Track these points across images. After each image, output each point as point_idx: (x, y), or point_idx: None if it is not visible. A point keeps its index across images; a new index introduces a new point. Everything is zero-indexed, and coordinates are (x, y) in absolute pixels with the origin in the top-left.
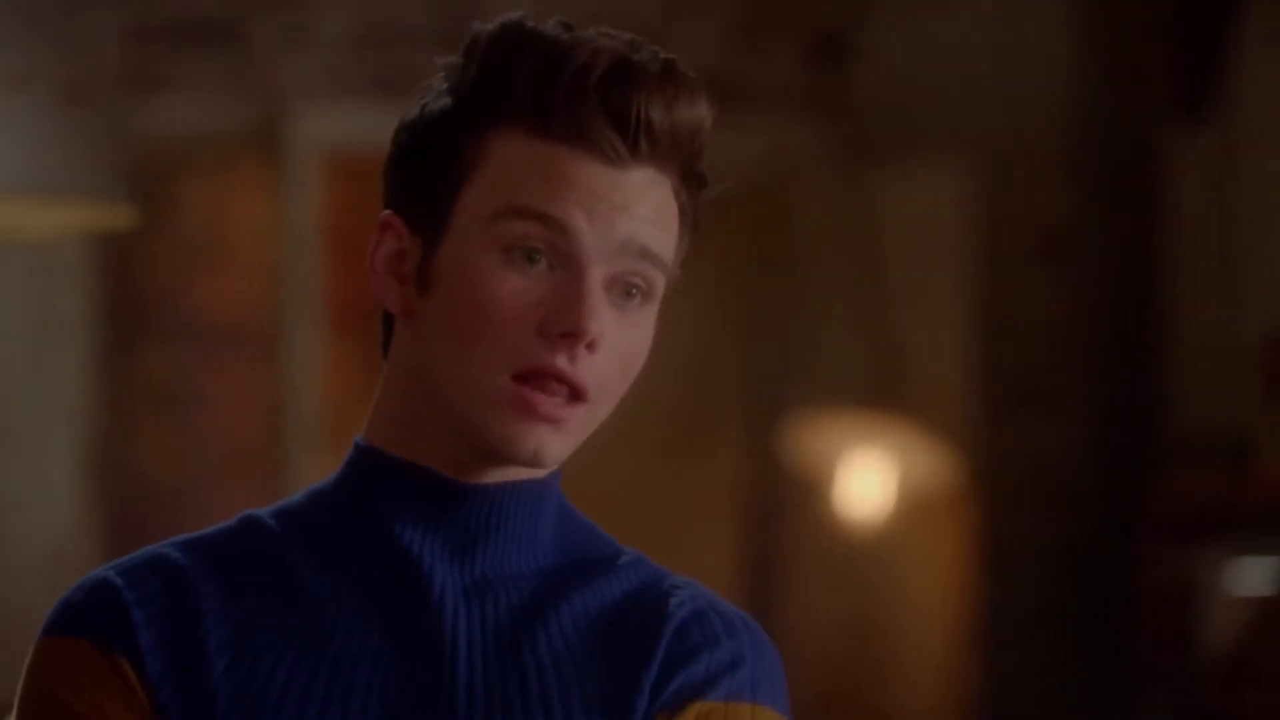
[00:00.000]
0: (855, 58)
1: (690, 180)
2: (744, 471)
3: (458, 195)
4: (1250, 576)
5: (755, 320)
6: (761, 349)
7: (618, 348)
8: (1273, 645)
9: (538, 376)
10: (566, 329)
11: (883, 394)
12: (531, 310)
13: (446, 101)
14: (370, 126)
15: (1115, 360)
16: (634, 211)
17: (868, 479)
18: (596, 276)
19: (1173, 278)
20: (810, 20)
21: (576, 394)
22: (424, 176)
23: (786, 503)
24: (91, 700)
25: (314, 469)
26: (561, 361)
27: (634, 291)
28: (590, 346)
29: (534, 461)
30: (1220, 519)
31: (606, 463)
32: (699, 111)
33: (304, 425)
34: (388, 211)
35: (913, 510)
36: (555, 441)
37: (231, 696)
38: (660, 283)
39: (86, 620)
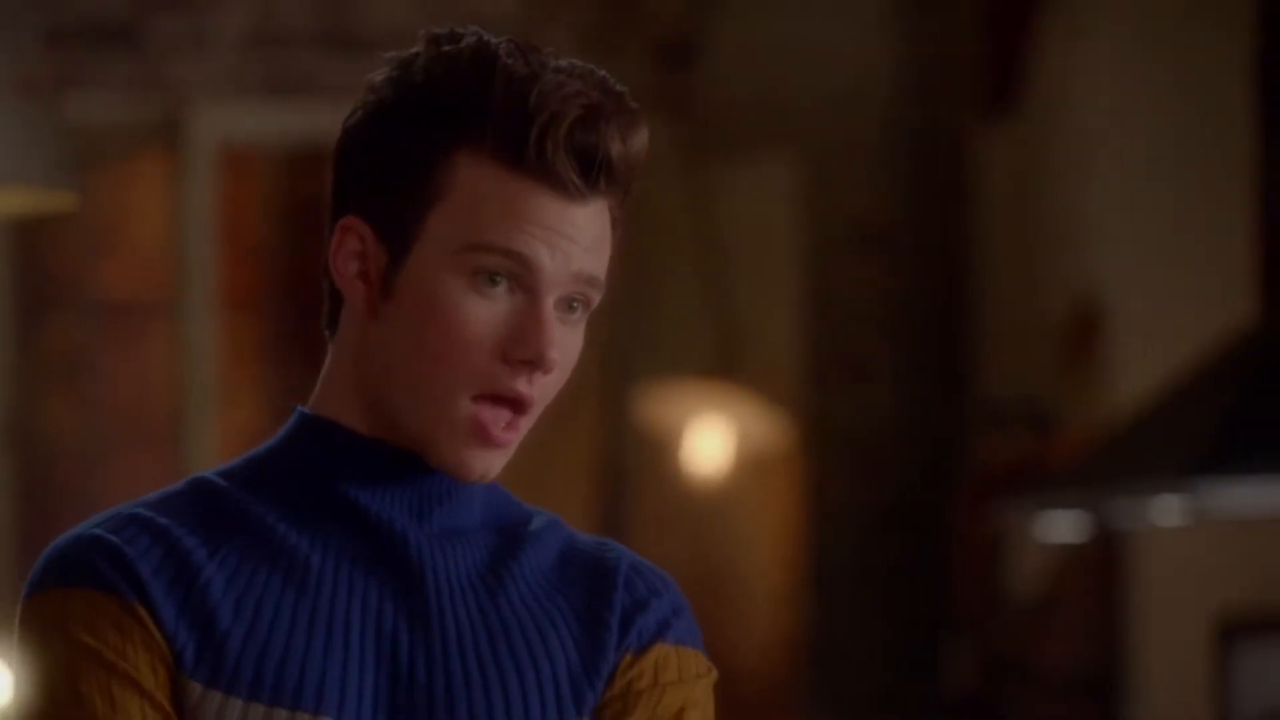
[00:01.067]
0: (699, 60)
1: (625, 201)
2: (600, 435)
3: (427, 216)
4: (1051, 529)
5: (611, 300)
6: (616, 326)
7: (561, 360)
8: (1070, 588)
9: (497, 399)
10: (529, 357)
11: (723, 366)
12: (492, 333)
13: (412, 111)
14: (260, 123)
15: (929, 335)
16: (582, 243)
17: (710, 441)
18: (550, 303)
19: (981, 260)
20: (657, 26)
21: (521, 409)
22: (393, 190)
23: (638, 462)
24: (116, 647)
25: (209, 437)
26: (522, 385)
27: (575, 306)
28: (546, 370)
29: (478, 480)
30: (1024, 477)
31: None
32: (644, 142)
33: (199, 396)
34: (351, 216)
35: (749, 469)
36: (499, 460)
37: (242, 639)
38: (597, 298)
39: (97, 573)
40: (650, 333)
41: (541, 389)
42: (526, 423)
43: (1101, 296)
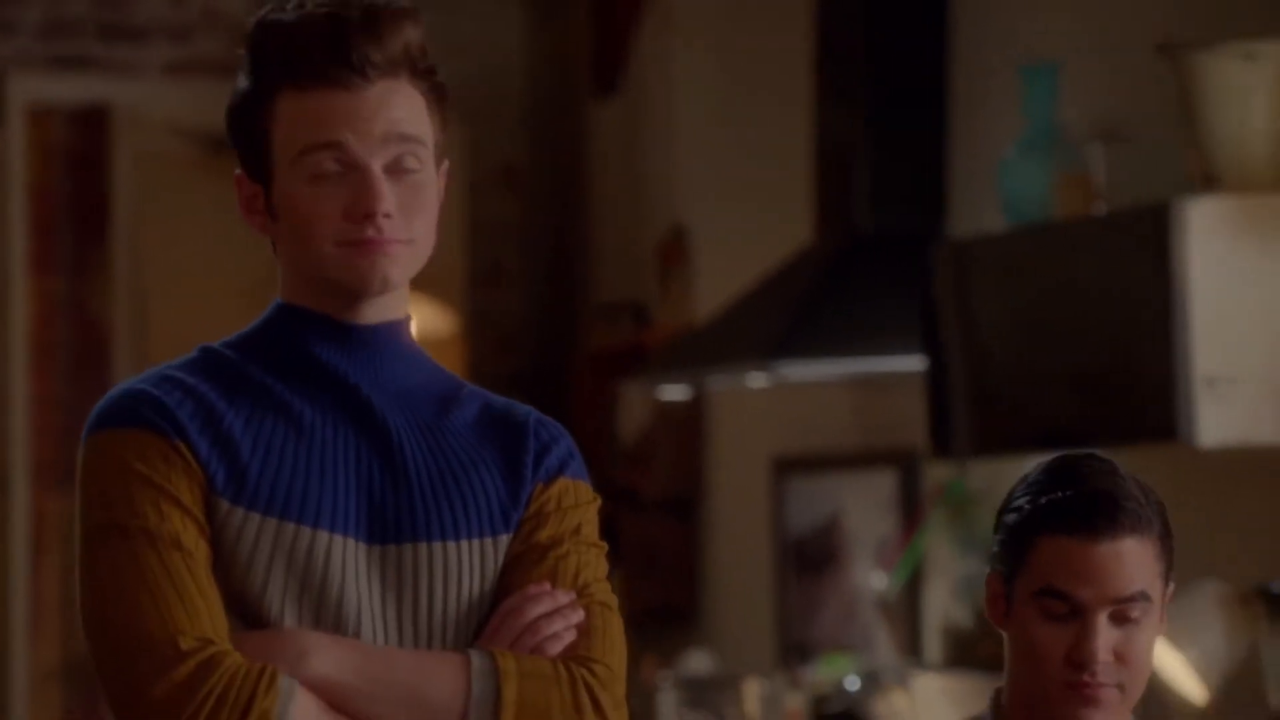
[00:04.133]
0: None
1: (422, 79)
2: None
3: (269, 150)
4: (656, 393)
5: None
6: None
7: (412, 205)
8: (665, 435)
9: (355, 245)
10: (364, 212)
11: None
12: (336, 208)
13: (244, 84)
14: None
15: (558, 252)
16: (384, 114)
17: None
18: (376, 168)
19: (598, 198)
20: None
21: (376, 246)
22: (246, 142)
23: None
24: (164, 474)
25: (22, 374)
26: (370, 233)
27: (408, 163)
28: (386, 215)
29: (384, 287)
30: (629, 358)
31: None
32: (402, 36)
33: (11, 341)
34: (238, 172)
35: (429, 348)
36: (393, 265)
37: (259, 469)
38: (428, 155)
39: (145, 417)
40: None
41: (401, 229)
42: (408, 248)
43: (687, 223)
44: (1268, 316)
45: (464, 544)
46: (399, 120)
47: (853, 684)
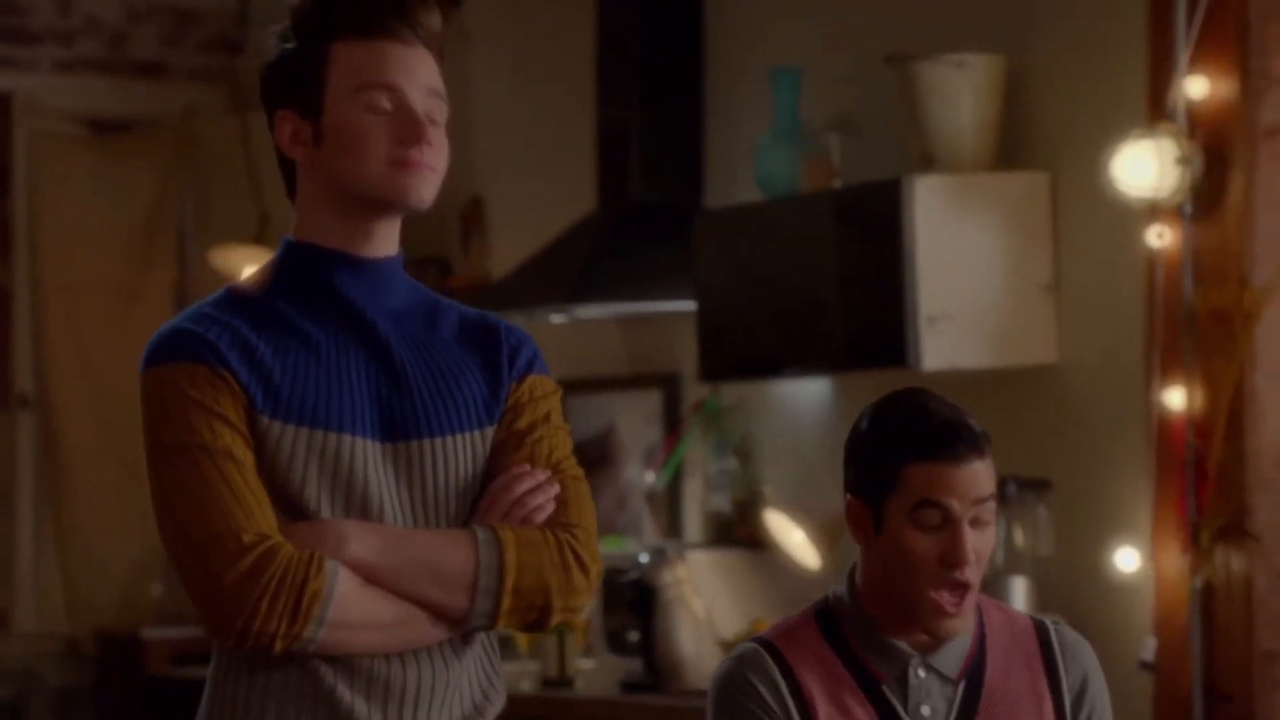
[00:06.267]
0: (240, 48)
1: (439, 55)
2: (178, 279)
3: (323, 88)
4: None
5: (168, 220)
6: (191, 217)
7: (439, 146)
8: None
9: (403, 164)
10: (414, 137)
11: (255, 238)
12: (389, 133)
13: (290, 42)
14: None
15: None
16: (425, 70)
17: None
18: (420, 109)
19: None
20: (215, 25)
21: (421, 165)
22: (297, 84)
23: (205, 292)
24: (214, 398)
25: None
26: (415, 154)
27: (436, 117)
28: (429, 143)
29: (419, 203)
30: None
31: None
32: (437, 16)
33: None
34: (281, 110)
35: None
36: (426, 186)
37: (289, 388)
38: (445, 110)
39: (192, 351)
40: (211, 218)
41: (434, 155)
42: (434, 176)
43: (484, 194)
44: (972, 267)
45: (459, 437)
46: (434, 79)
47: (643, 558)
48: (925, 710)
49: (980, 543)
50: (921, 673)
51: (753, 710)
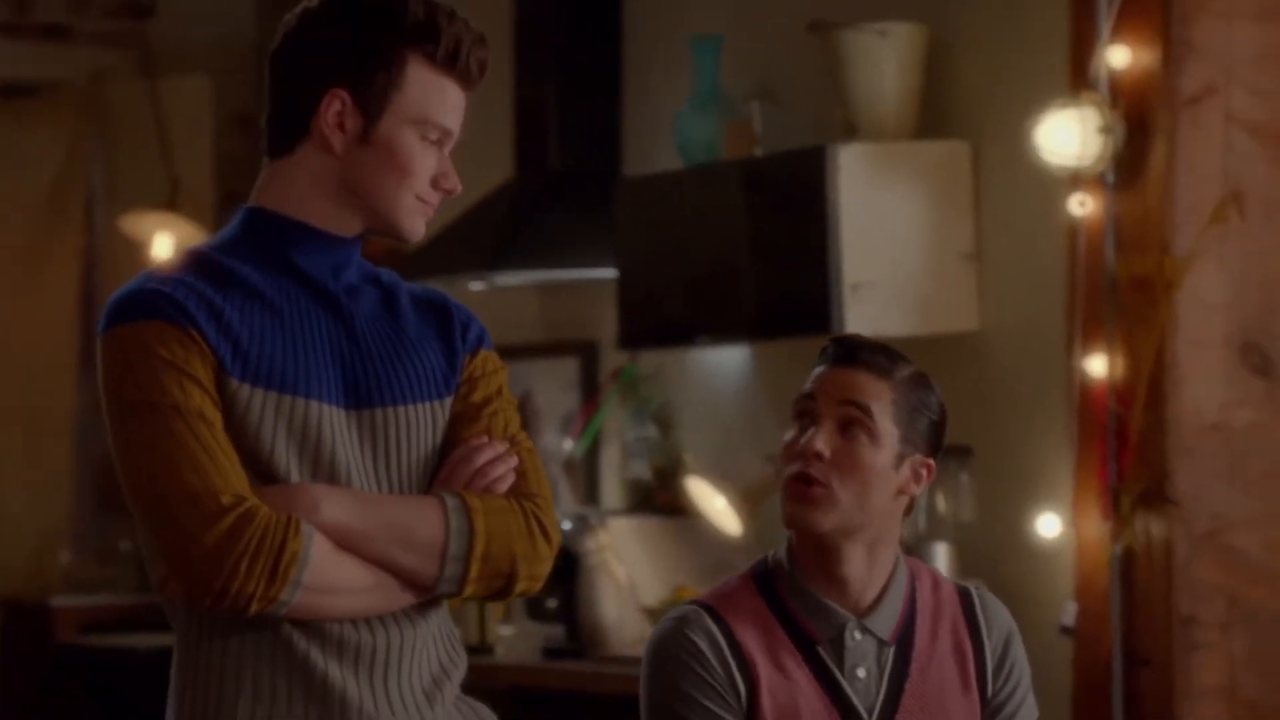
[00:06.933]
0: (150, 11)
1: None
2: (86, 247)
3: (391, 96)
4: None
5: (76, 186)
6: (97, 185)
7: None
8: None
9: (426, 204)
10: (446, 187)
11: (166, 204)
12: (428, 170)
13: (376, 23)
14: None
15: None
16: (461, 118)
17: (164, 245)
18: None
19: None
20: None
21: (433, 208)
22: (368, 76)
23: (113, 263)
24: (183, 358)
25: None
26: (437, 201)
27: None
28: (455, 192)
29: (415, 239)
30: None
31: None
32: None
33: None
34: (336, 88)
35: None
36: (424, 224)
37: (257, 351)
38: None
39: (160, 309)
40: (121, 184)
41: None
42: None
43: None
44: (893, 236)
45: (420, 406)
46: (460, 124)
47: (565, 525)
48: (860, 672)
49: (841, 448)
50: (858, 635)
51: (693, 669)
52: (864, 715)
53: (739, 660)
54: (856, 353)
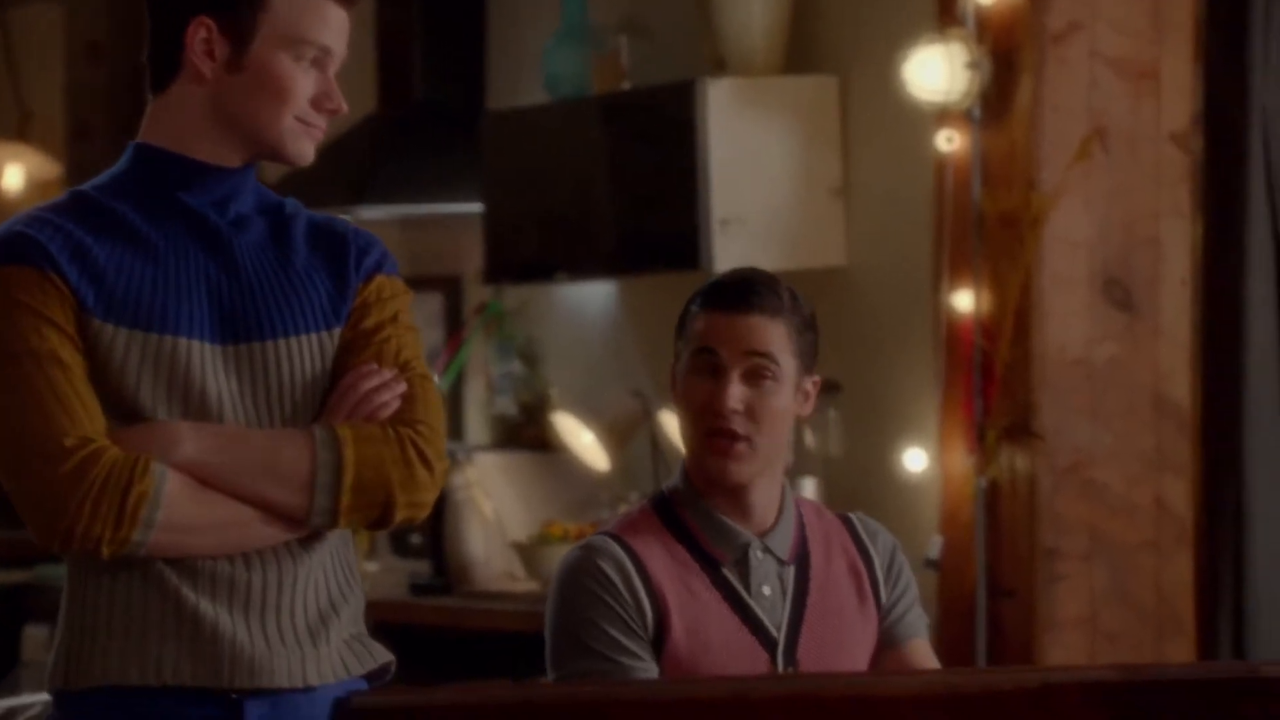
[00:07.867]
0: None
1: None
2: None
3: (257, 18)
4: None
5: None
6: None
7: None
8: None
9: (310, 126)
10: (330, 106)
11: (13, 132)
12: (307, 90)
13: None
14: None
15: (137, 112)
16: (346, 35)
17: (14, 175)
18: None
19: None
20: None
21: (322, 128)
22: (233, 2)
23: None
24: (42, 302)
25: None
26: (322, 122)
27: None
28: (340, 112)
29: (306, 162)
30: None
31: None
32: None
33: None
34: (201, 16)
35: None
36: (317, 144)
37: (122, 290)
38: None
39: (22, 253)
40: None
41: (329, 119)
42: (320, 138)
43: None
44: (762, 172)
45: (302, 338)
46: (346, 43)
47: None
48: (766, 589)
49: (756, 399)
50: (760, 554)
51: (602, 596)
52: (772, 631)
53: (647, 586)
54: (749, 297)
